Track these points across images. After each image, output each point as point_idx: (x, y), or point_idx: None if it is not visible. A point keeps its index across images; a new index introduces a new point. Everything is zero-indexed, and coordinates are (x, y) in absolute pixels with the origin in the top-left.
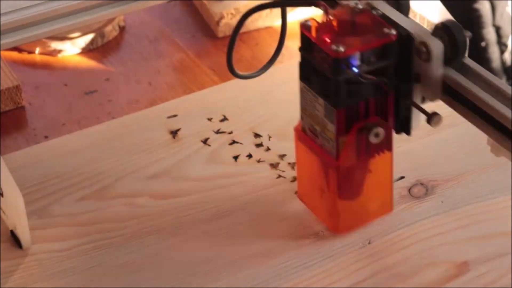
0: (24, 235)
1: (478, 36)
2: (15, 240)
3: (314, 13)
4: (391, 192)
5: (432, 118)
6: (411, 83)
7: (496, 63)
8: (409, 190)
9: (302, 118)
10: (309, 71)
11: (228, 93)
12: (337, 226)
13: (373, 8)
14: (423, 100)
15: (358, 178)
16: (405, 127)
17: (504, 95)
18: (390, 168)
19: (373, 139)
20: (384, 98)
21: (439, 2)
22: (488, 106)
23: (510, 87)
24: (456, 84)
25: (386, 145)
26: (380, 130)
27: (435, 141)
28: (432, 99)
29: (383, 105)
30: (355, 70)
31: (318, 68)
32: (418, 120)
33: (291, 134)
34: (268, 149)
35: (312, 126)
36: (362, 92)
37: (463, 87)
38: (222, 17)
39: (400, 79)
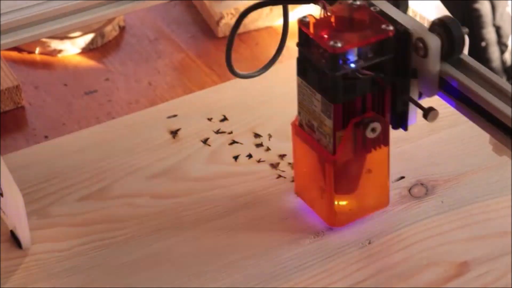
0: (24, 235)
1: (478, 36)
2: (15, 240)
3: (313, 12)
4: (387, 187)
5: (428, 113)
6: (408, 79)
7: (496, 63)
8: (409, 190)
9: (299, 113)
10: (306, 67)
11: (228, 93)
12: (333, 220)
13: (371, 4)
14: (420, 95)
15: (355, 172)
16: (402, 122)
17: (502, 91)
18: (386, 163)
19: (370, 134)
20: (381, 94)
21: (439, 2)
22: (486, 102)
23: (507, 83)
24: (453, 80)
25: (383, 140)
26: (377, 125)
27: (435, 141)
28: (429, 94)
29: (380, 101)
30: (353, 65)
31: (316, 64)
32: (414, 115)
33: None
34: (268, 149)
35: (309, 121)
36: (359, 87)
37: (460, 82)
38: (222, 17)
39: (397, 75)
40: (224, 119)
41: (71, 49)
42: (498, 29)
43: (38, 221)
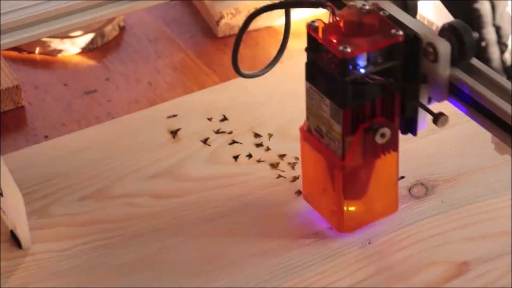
0: (24, 235)
1: (478, 36)
2: (15, 240)
3: (314, 13)
4: (396, 192)
5: (438, 118)
6: (417, 84)
7: (496, 63)
8: (409, 190)
9: (307, 118)
10: (315, 72)
11: (228, 93)
12: (342, 226)
13: (380, 9)
14: (430, 100)
15: (364, 178)
16: (411, 127)
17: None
18: (396, 168)
19: (379, 140)
20: (391, 99)
21: (439, 2)
22: (496, 107)
23: None
24: (463, 85)
25: (392, 145)
26: (386, 131)
27: (435, 141)
28: (439, 99)
29: (389, 106)
30: (362, 70)
31: (325, 69)
32: (424, 120)
33: (291, 134)
34: (268, 149)
35: (317, 127)
36: (369, 92)
37: (470, 87)
38: (222, 17)
39: (406, 80)
40: (224, 119)
41: (71, 49)
42: (498, 29)
43: (38, 221)
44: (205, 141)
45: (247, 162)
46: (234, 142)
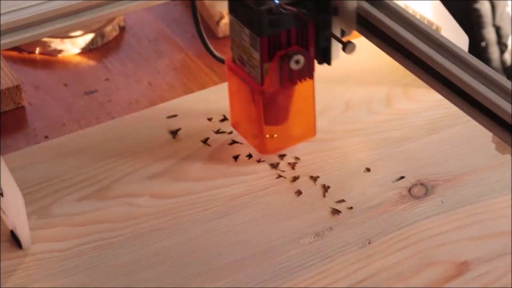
0: (24, 235)
1: (478, 36)
2: (15, 240)
3: None
4: (313, 118)
5: (346, 46)
6: (329, 15)
7: (496, 63)
8: (409, 190)
9: (231, 49)
10: (236, 4)
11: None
12: (264, 148)
13: None
14: (343, 33)
15: (282, 104)
16: (325, 57)
17: (420, 30)
18: (312, 96)
19: (294, 66)
20: (305, 29)
21: (439, 2)
22: (402, 39)
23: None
24: (369, 16)
25: (308, 73)
26: (300, 58)
27: (435, 141)
28: (348, 30)
29: (303, 35)
30: (276, 1)
31: (244, 0)
32: (338, 51)
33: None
34: None
35: (240, 56)
36: (283, 22)
37: (376, 18)
38: (222, 17)
39: (319, 11)
40: (224, 119)
41: (71, 49)
42: (498, 29)
43: (38, 221)
44: (205, 141)
45: (247, 162)
46: (234, 142)
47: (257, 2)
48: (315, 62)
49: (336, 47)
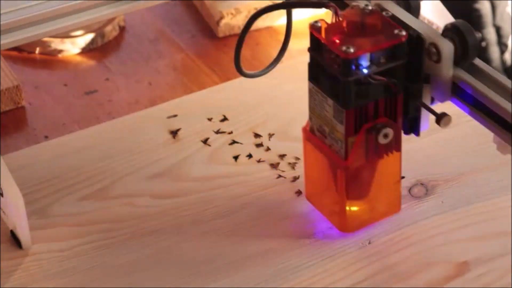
0: (24, 235)
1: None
2: (15, 240)
3: (315, 13)
4: (399, 192)
5: (441, 118)
6: (420, 84)
7: (496, 63)
8: (409, 190)
9: (310, 118)
10: (318, 72)
11: (228, 93)
12: (344, 225)
13: (383, 9)
14: (432, 100)
15: (366, 178)
16: (414, 127)
17: None
18: (398, 169)
19: (382, 140)
20: (394, 99)
21: (439, 2)
22: (499, 107)
23: None
24: (466, 85)
25: (395, 145)
26: (389, 131)
27: (435, 141)
28: (442, 100)
29: (392, 106)
30: (365, 71)
31: (328, 69)
32: (427, 120)
33: (291, 134)
34: (268, 149)
35: (320, 127)
36: (372, 93)
37: (473, 88)
38: (222, 17)
39: (409, 80)
40: (224, 119)
41: (71, 49)
42: (498, 29)
43: (38, 221)
44: (205, 141)
45: (247, 162)
46: (234, 142)
47: (344, 72)
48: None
49: (425, 116)
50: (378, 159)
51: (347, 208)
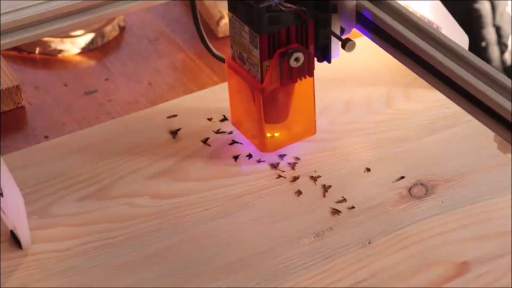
0: (24, 235)
1: (478, 36)
2: (15, 240)
3: None
4: (313, 116)
5: (346, 43)
6: (328, 13)
7: (496, 63)
8: (409, 190)
9: (231, 46)
10: (236, 2)
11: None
12: (263, 146)
13: None
14: (342, 30)
15: (282, 102)
16: (325, 55)
17: (418, 26)
18: (311, 93)
19: (293, 63)
20: (304, 27)
21: (439, 2)
22: (399, 34)
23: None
24: (368, 13)
25: (308, 71)
26: (300, 55)
27: (435, 141)
28: (349, 27)
29: (303, 33)
30: None
31: None
32: (338, 49)
33: None
34: None
35: (240, 54)
36: (283, 19)
37: (374, 15)
38: (222, 17)
39: (318, 9)
40: (224, 119)
41: (71, 49)
42: (498, 29)
43: (38, 221)
44: (205, 141)
45: (247, 162)
46: (234, 142)
47: (257, 0)
48: (315, 60)
49: (336, 45)
50: (292, 83)
51: (266, 130)
